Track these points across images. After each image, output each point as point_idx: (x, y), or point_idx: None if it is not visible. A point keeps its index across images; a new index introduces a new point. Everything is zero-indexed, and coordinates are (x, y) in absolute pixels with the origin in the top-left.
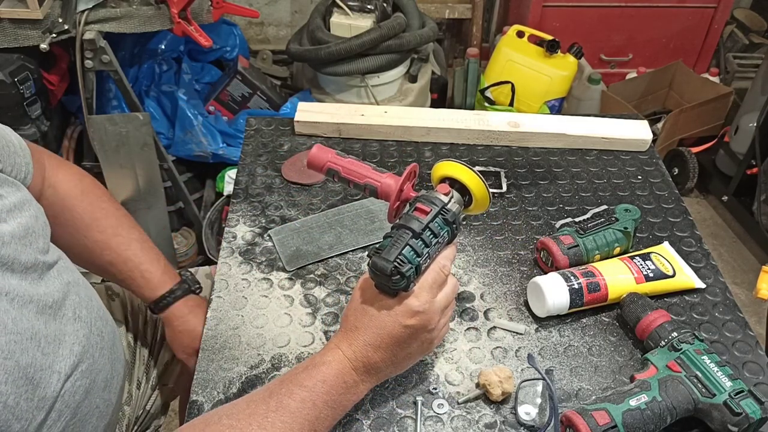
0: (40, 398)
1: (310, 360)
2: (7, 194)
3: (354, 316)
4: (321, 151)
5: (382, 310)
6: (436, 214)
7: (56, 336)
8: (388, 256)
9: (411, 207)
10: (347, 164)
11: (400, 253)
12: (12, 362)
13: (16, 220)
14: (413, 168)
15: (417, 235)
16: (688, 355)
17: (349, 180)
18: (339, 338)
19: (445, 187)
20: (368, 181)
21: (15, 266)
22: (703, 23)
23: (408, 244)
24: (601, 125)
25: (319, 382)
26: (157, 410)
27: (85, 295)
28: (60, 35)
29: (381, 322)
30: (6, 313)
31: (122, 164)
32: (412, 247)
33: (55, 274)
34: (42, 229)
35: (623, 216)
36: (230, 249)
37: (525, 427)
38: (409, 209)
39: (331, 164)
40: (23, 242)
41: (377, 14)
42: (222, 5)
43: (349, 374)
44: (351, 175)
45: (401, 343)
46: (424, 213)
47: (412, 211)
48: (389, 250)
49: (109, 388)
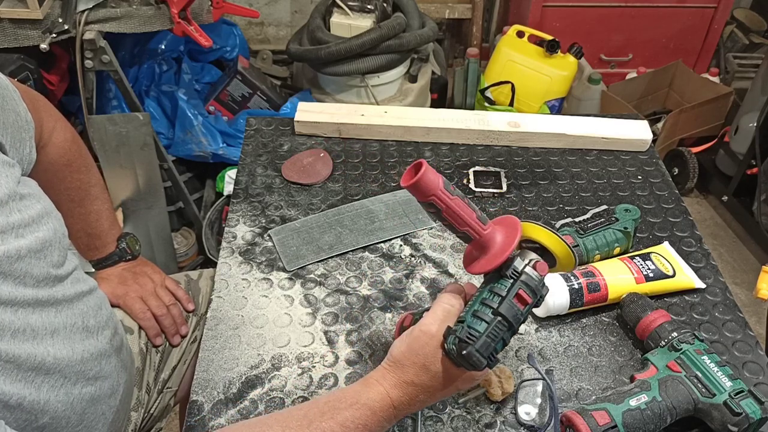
0: (45, 401)
1: (354, 395)
2: (27, 207)
3: (414, 370)
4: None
5: (447, 376)
6: (534, 305)
7: (64, 343)
8: (482, 352)
9: (511, 289)
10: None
11: (494, 349)
12: (14, 366)
13: (34, 234)
14: (518, 230)
15: (512, 329)
16: (688, 355)
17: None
18: (392, 384)
19: (544, 267)
20: (468, 231)
21: (27, 280)
22: (703, 23)
23: (502, 338)
24: (601, 125)
25: (361, 425)
26: (159, 413)
27: (94, 304)
28: (60, 35)
29: (442, 386)
30: (10, 323)
31: (122, 164)
32: (504, 341)
33: (67, 285)
34: (59, 241)
35: (623, 216)
36: (230, 249)
37: (525, 427)
38: (508, 290)
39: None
40: (38, 256)
41: (377, 14)
42: (222, 5)
43: (390, 422)
44: (451, 218)
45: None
46: (524, 303)
47: (513, 298)
48: (485, 344)
49: (115, 395)
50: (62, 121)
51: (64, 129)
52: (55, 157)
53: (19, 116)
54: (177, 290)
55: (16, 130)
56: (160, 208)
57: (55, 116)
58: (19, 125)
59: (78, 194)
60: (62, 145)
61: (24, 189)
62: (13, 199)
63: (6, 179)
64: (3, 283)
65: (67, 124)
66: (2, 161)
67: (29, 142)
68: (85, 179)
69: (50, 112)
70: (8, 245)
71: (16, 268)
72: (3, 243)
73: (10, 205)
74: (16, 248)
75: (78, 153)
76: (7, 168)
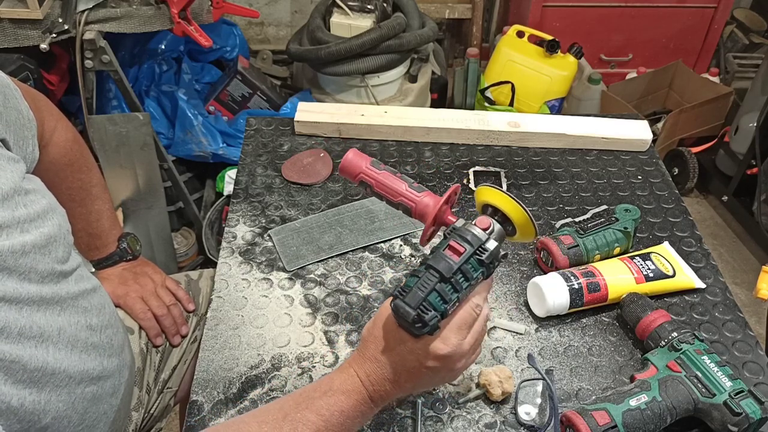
0: (46, 401)
1: (327, 382)
2: (33, 202)
3: (374, 345)
4: (356, 158)
5: (403, 350)
6: (471, 255)
7: (67, 342)
8: (411, 302)
9: (444, 242)
10: (381, 178)
11: (425, 299)
12: (19, 366)
13: (39, 229)
14: (455, 189)
15: (446, 279)
16: (688, 355)
17: (381, 195)
18: (358, 364)
19: (484, 221)
20: (402, 200)
21: (31, 276)
22: (703, 23)
23: (435, 289)
24: (601, 125)
25: (337, 412)
26: (160, 413)
27: (98, 302)
28: (60, 35)
29: (402, 360)
30: (15, 321)
31: (122, 164)
32: (439, 293)
33: (71, 283)
34: (64, 237)
35: (623, 216)
36: (230, 249)
37: (525, 427)
38: (441, 244)
39: (363, 176)
40: (43, 251)
41: (377, 14)
42: (222, 5)
43: (366, 404)
44: (384, 191)
45: (421, 379)
46: (457, 253)
47: (444, 249)
48: (413, 294)
49: (117, 394)
50: (63, 121)
51: (66, 129)
52: (57, 157)
53: (21, 114)
54: (177, 290)
55: (19, 127)
56: (160, 208)
57: (56, 116)
58: (22, 123)
59: (79, 194)
60: (64, 144)
61: (29, 185)
62: (18, 193)
63: (11, 174)
64: (8, 278)
65: (68, 123)
66: (7, 157)
67: (32, 140)
68: (86, 179)
69: (51, 112)
70: (13, 240)
71: (21, 264)
72: (8, 238)
73: (15, 199)
74: (21, 243)
75: (80, 153)
76: (11, 163)
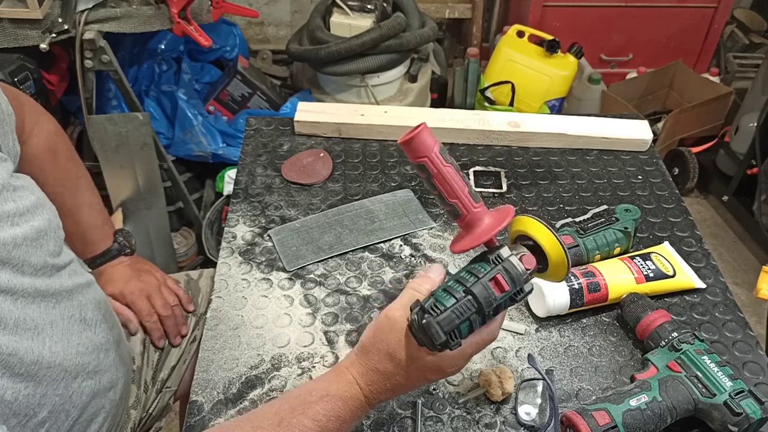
0: (41, 395)
1: (324, 386)
2: (21, 198)
3: (379, 357)
4: (429, 138)
5: (412, 367)
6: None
7: (62, 335)
8: (444, 325)
9: (489, 271)
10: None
11: (457, 327)
12: (16, 359)
13: (29, 223)
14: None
15: (482, 312)
16: (689, 355)
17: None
18: (359, 372)
19: (531, 262)
20: (457, 203)
21: (25, 268)
22: (703, 23)
23: (469, 319)
24: (601, 125)
25: (333, 417)
26: (159, 412)
27: (92, 297)
28: (60, 35)
29: (407, 375)
30: (10, 313)
31: (122, 164)
32: (471, 323)
33: (65, 277)
34: (54, 231)
35: (623, 216)
36: (230, 249)
37: (525, 427)
38: (484, 268)
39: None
40: (34, 245)
41: (377, 14)
42: (222, 5)
43: (363, 410)
44: (443, 186)
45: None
46: (500, 289)
47: (489, 280)
48: (448, 318)
49: (114, 389)
50: (46, 115)
51: (48, 122)
52: (41, 149)
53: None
54: (177, 290)
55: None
56: (160, 208)
57: (38, 110)
58: (1, 118)
59: (68, 183)
60: (47, 136)
61: (17, 182)
62: (7, 189)
63: None
64: (2, 270)
65: (50, 117)
66: None
67: (11, 135)
68: (73, 169)
69: (33, 107)
70: (4, 233)
71: (14, 256)
72: None
73: (4, 194)
74: (12, 236)
75: (64, 144)
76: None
